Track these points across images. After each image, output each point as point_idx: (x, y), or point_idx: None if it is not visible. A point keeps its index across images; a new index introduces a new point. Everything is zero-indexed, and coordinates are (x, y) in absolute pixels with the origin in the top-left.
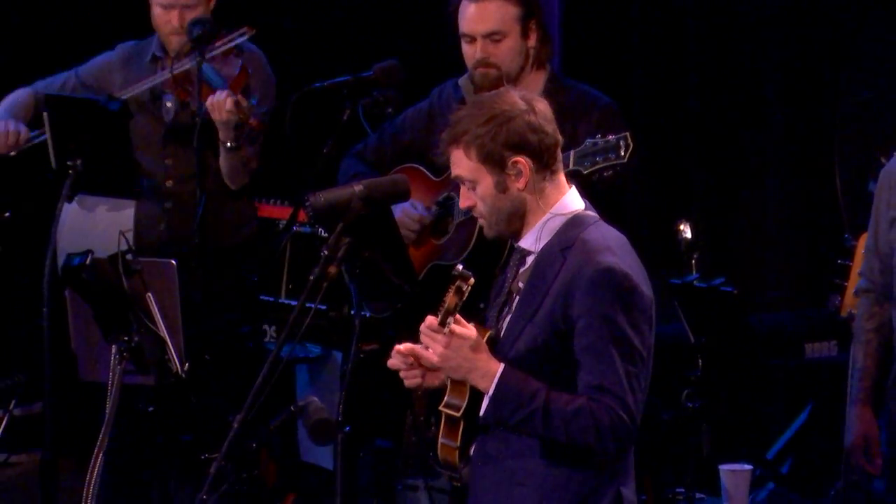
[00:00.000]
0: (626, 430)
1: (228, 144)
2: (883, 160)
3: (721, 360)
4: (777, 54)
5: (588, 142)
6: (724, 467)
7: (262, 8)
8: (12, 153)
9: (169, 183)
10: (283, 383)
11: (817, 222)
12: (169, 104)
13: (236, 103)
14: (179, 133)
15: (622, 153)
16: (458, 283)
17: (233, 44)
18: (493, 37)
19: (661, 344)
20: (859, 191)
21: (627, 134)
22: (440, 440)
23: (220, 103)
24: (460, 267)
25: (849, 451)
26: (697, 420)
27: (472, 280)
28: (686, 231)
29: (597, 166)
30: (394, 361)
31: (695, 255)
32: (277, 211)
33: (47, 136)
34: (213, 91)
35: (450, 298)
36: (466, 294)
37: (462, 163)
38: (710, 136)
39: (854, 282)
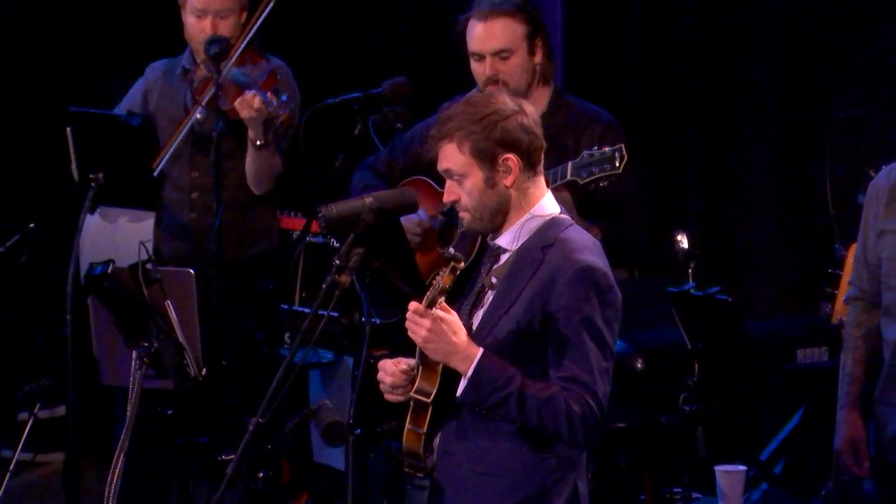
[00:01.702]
0: (594, 419)
1: (258, 143)
2: (872, 174)
3: (717, 365)
4: (771, 73)
5: (585, 153)
6: (719, 468)
7: (277, 27)
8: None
9: (194, 195)
10: (297, 387)
11: (809, 233)
12: (199, 115)
13: (264, 101)
14: (205, 146)
15: (617, 164)
16: (451, 264)
17: (261, 20)
18: (502, 54)
19: (660, 350)
20: (849, 203)
21: (622, 146)
22: (407, 426)
23: (249, 100)
24: (452, 250)
25: (838, 453)
26: (694, 423)
27: (462, 263)
28: (683, 241)
29: (593, 177)
30: (382, 375)
31: (691, 265)
32: (291, 222)
33: (71, 150)
34: (242, 93)
35: (444, 279)
36: (457, 275)
37: (453, 157)
38: (707, 151)
39: (844, 290)
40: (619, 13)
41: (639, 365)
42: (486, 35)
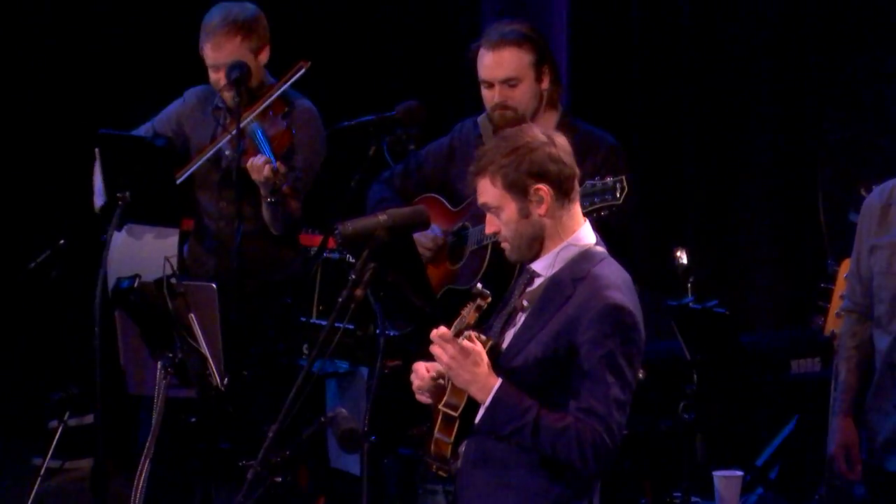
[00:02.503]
0: (606, 451)
1: (268, 200)
2: (864, 193)
3: (714, 375)
4: (767, 96)
5: (588, 183)
6: (717, 473)
7: (297, 54)
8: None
9: (222, 223)
10: (315, 396)
11: (802, 250)
12: (228, 152)
13: (274, 171)
14: (233, 178)
15: (618, 195)
16: (478, 301)
17: (294, 79)
18: (510, 82)
19: (660, 360)
20: (841, 221)
21: (623, 178)
22: (435, 434)
23: (259, 167)
24: (479, 286)
25: (831, 459)
26: (693, 430)
27: (489, 298)
28: (682, 257)
29: (594, 206)
30: (413, 377)
31: (690, 280)
32: (309, 238)
33: (99, 169)
34: (257, 150)
35: (469, 315)
36: (483, 311)
37: (488, 191)
38: (706, 172)
39: (836, 304)
40: (621, 37)
41: (640, 375)
42: (494, 64)
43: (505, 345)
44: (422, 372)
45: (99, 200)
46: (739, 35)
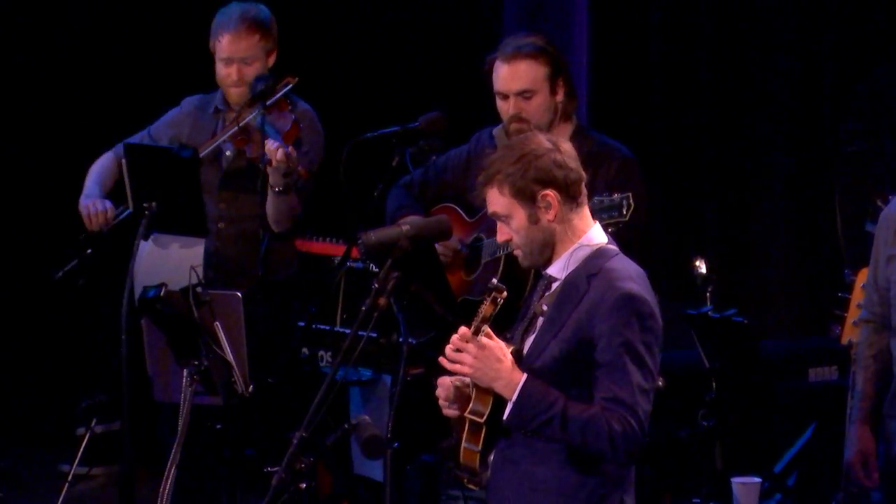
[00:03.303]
0: (635, 438)
1: (277, 189)
2: (880, 203)
3: (733, 383)
4: (784, 107)
5: (595, 199)
6: (735, 480)
7: (321, 67)
8: (105, 230)
9: (220, 225)
10: (338, 404)
11: (820, 260)
12: (228, 153)
13: (287, 154)
14: (234, 179)
15: (624, 212)
16: (493, 294)
17: (281, 93)
18: (525, 94)
19: (679, 368)
20: (857, 231)
21: (630, 195)
22: (463, 444)
23: (272, 152)
24: (495, 280)
25: (849, 466)
26: (712, 437)
27: (504, 293)
28: (701, 267)
29: (602, 222)
30: (440, 391)
31: (709, 289)
32: (333, 248)
33: (126, 180)
34: (266, 141)
35: (486, 308)
36: (500, 305)
37: (497, 200)
38: (724, 182)
39: (853, 313)
40: (641, 50)
41: (660, 383)
42: (510, 76)
43: (526, 350)
44: (446, 383)
45: (86, 200)
46: (757, 46)
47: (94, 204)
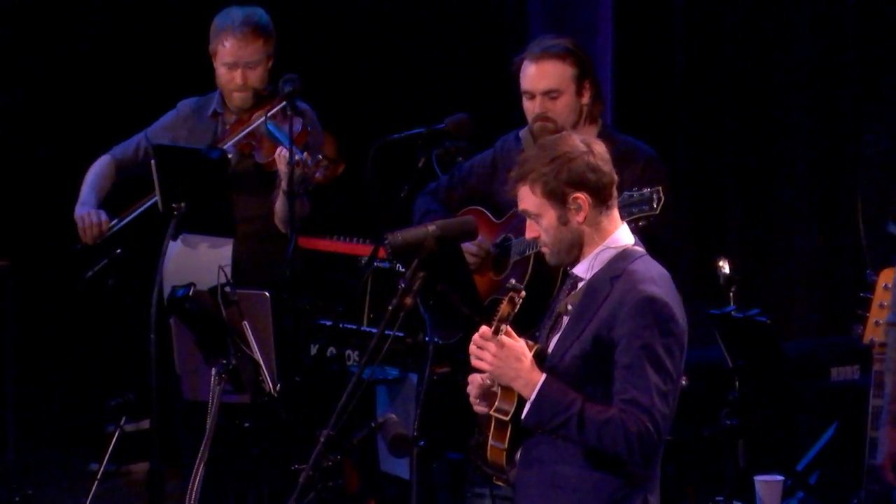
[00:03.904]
0: (651, 440)
1: (287, 191)
2: None
3: (756, 382)
4: (806, 109)
5: (625, 194)
6: (758, 478)
7: (351, 69)
8: (98, 242)
9: None
10: (365, 402)
11: (842, 260)
12: (230, 155)
13: (303, 161)
14: (239, 181)
15: (654, 206)
16: (510, 294)
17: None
18: (551, 94)
19: (703, 368)
20: (879, 231)
21: (660, 188)
22: (490, 442)
23: (286, 157)
24: (513, 280)
25: (880, 468)
26: (735, 436)
27: (523, 293)
28: (725, 267)
29: (632, 217)
30: (470, 388)
31: (732, 289)
32: (360, 248)
33: (155, 181)
34: (277, 146)
35: (504, 307)
36: (518, 305)
37: (528, 198)
38: (747, 183)
39: (875, 313)
40: (665, 51)
41: (683, 382)
42: (537, 75)
43: (550, 349)
44: (477, 380)
45: (81, 210)
46: (780, 48)
47: (89, 216)
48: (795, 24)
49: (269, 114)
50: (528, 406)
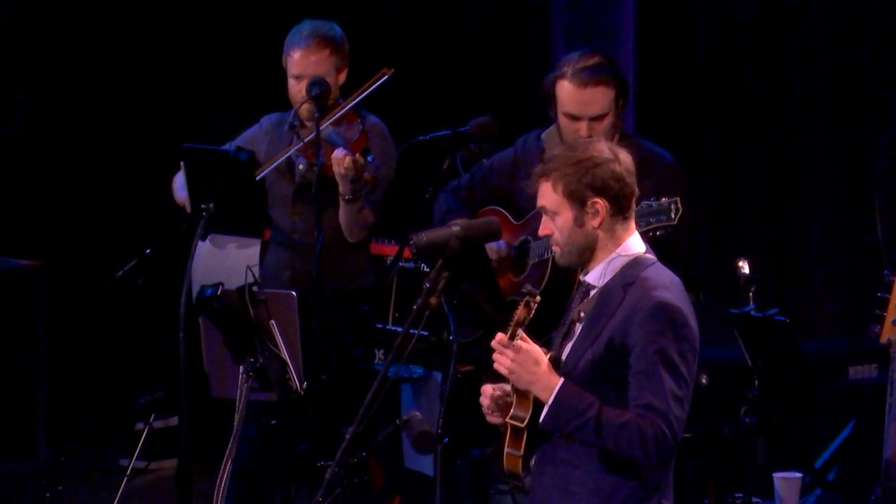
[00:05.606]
0: (667, 444)
1: (347, 197)
2: None
3: (775, 380)
4: (825, 108)
5: (644, 203)
6: (777, 475)
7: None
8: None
9: (295, 236)
10: (390, 400)
11: (860, 260)
12: (301, 166)
13: (353, 160)
14: (306, 192)
15: (672, 216)
16: (526, 299)
17: (362, 95)
18: (598, 118)
19: (723, 366)
20: None
21: (678, 199)
22: (506, 450)
23: (340, 159)
24: (528, 285)
25: (890, 463)
26: (754, 433)
27: (538, 297)
28: (744, 267)
29: (650, 226)
30: (482, 399)
31: (752, 289)
32: (385, 248)
33: (184, 181)
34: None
35: (519, 312)
36: (533, 309)
37: (548, 195)
38: (766, 184)
39: (892, 312)
40: (686, 55)
41: (703, 380)
42: (587, 101)
43: (564, 356)
44: (489, 391)
45: (182, 192)
46: (799, 48)
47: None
48: (815, 29)
49: (329, 121)
50: (546, 409)
